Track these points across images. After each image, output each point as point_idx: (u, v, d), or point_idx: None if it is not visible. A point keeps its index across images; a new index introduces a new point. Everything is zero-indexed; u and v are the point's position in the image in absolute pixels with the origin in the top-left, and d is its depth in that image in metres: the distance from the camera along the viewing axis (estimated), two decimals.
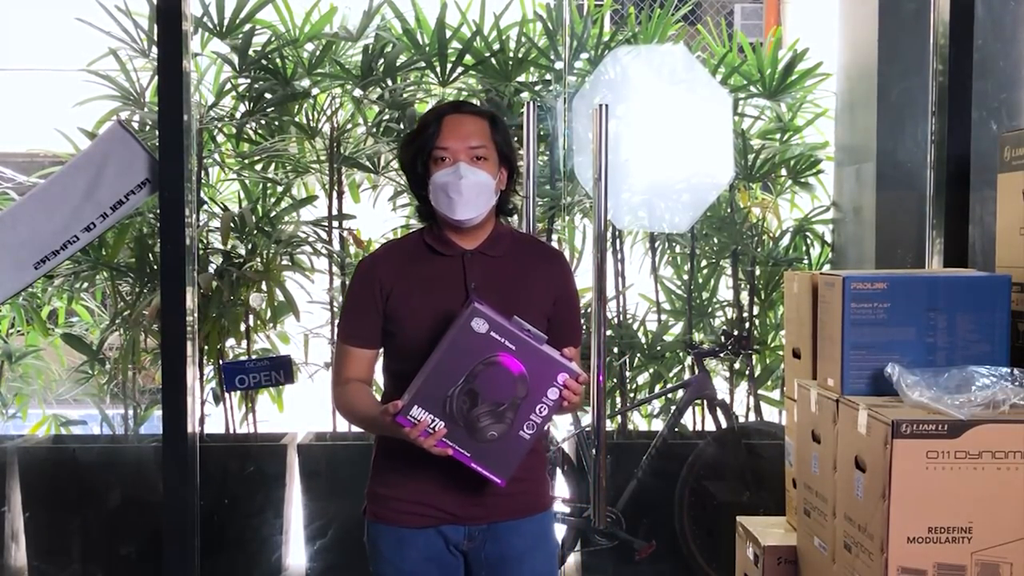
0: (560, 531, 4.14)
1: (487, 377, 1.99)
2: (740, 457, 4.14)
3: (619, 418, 4.46)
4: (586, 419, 4.06)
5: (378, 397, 2.28)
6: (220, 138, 4.46)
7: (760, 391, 4.51)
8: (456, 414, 2.00)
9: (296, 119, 4.41)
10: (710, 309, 4.58)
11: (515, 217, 4.31)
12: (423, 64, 4.37)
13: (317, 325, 4.41)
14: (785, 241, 4.60)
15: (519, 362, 1.99)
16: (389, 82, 4.34)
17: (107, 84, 4.27)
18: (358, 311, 2.24)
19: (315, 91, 4.41)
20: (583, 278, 4.39)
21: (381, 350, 2.28)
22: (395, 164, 4.46)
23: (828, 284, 2.31)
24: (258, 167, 4.43)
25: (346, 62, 4.38)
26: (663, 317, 4.57)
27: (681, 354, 4.49)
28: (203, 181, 4.30)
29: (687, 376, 4.42)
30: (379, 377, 2.35)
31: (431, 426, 2.00)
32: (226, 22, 4.25)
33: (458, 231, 2.22)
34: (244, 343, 4.34)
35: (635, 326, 4.53)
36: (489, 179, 2.19)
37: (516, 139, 4.27)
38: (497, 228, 2.27)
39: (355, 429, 4.38)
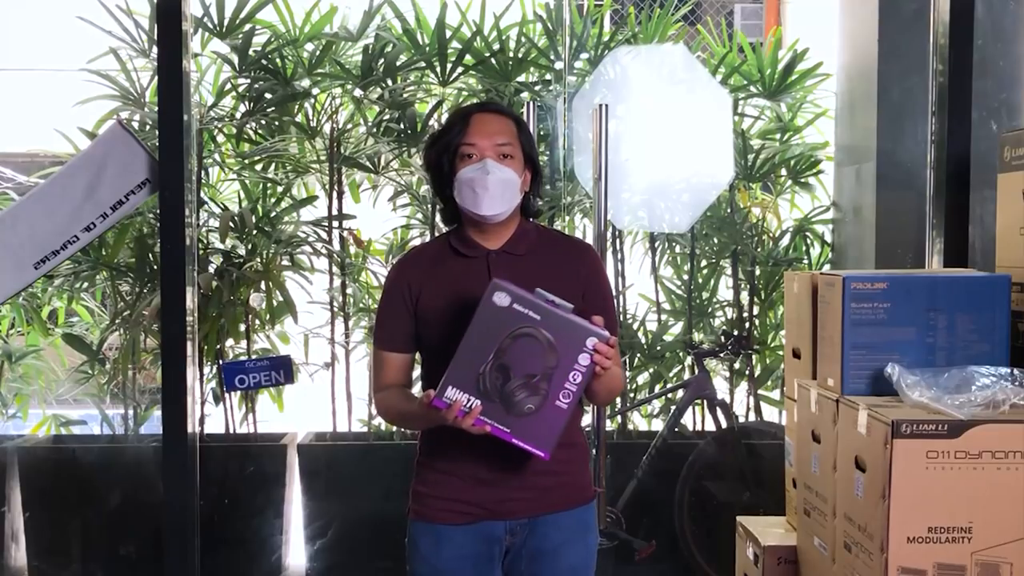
0: None
1: (516, 350, 1.98)
2: (740, 457, 4.14)
3: (619, 418, 4.46)
4: (586, 419, 4.07)
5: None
6: (220, 138, 4.45)
7: (760, 391, 4.51)
8: (491, 391, 1.99)
9: (296, 119, 4.41)
10: (710, 309, 4.59)
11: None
12: (423, 64, 4.37)
13: (317, 325, 4.41)
14: (785, 241, 4.60)
15: (546, 331, 1.98)
16: (389, 82, 4.34)
17: (107, 84, 4.27)
18: (389, 317, 2.26)
19: (315, 91, 4.41)
20: None
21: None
22: (395, 164, 4.47)
23: (828, 284, 2.31)
24: (258, 167, 4.43)
25: (346, 62, 4.38)
26: (663, 317, 4.57)
27: (681, 354, 4.49)
28: (203, 181, 4.30)
29: (687, 376, 4.42)
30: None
31: (467, 405, 2.00)
32: (226, 22, 4.25)
33: (482, 231, 2.22)
34: (244, 343, 4.34)
35: (635, 326, 4.53)
36: (515, 177, 2.19)
37: None
38: (522, 226, 2.27)
39: (355, 429, 4.39)
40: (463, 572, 2.21)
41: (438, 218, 4.37)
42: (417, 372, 2.39)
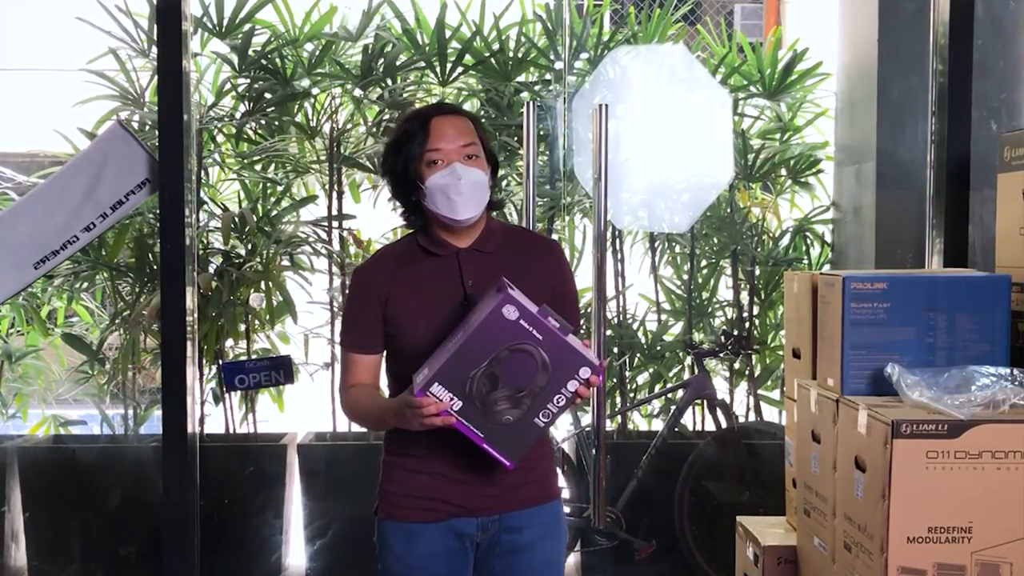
0: None
1: (510, 363, 1.99)
2: (740, 457, 4.14)
3: (619, 418, 4.46)
4: (586, 419, 4.07)
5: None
6: (220, 138, 4.45)
7: (760, 391, 4.51)
8: (475, 395, 2.00)
9: (296, 119, 4.41)
10: (710, 309, 4.58)
11: (515, 216, 4.32)
12: (423, 64, 4.37)
13: (317, 325, 4.41)
14: (785, 241, 4.60)
15: (544, 352, 1.99)
16: (389, 82, 4.34)
17: (107, 84, 4.27)
18: (358, 318, 2.25)
19: (315, 91, 4.41)
20: (583, 278, 4.39)
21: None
22: None
23: (828, 284, 2.31)
24: (258, 167, 4.43)
25: (346, 62, 4.38)
26: (663, 317, 4.57)
27: (681, 354, 4.49)
28: (203, 181, 4.30)
29: (687, 376, 4.42)
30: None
31: (450, 405, 2.00)
32: (226, 22, 4.25)
33: (452, 231, 2.23)
34: (244, 343, 4.34)
35: (635, 326, 4.53)
36: (484, 177, 2.19)
37: (516, 139, 4.29)
38: (489, 224, 2.27)
39: (355, 429, 4.38)
40: (436, 569, 2.22)
41: None
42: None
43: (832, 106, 4.58)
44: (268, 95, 4.33)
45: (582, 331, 4.37)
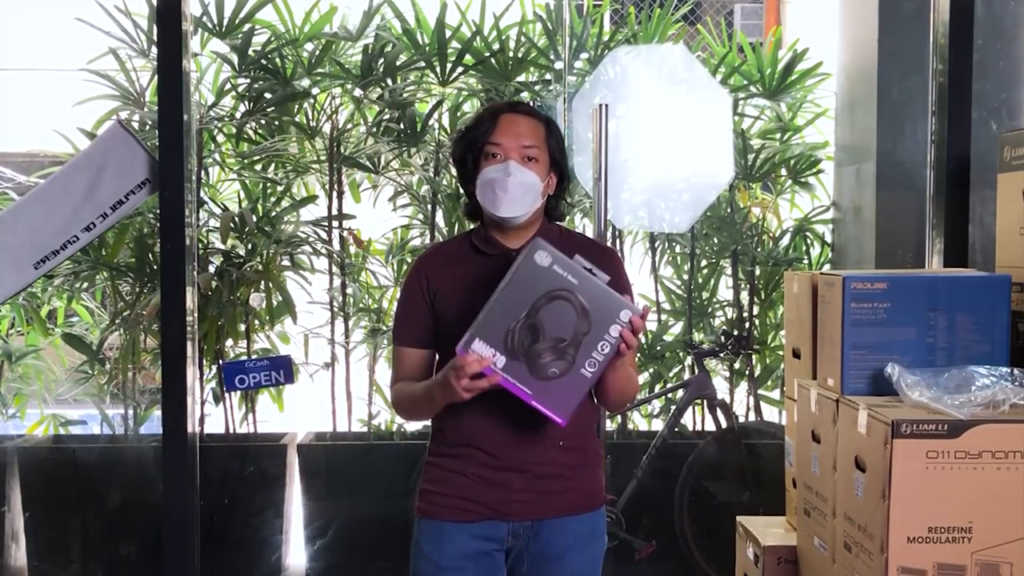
0: None
1: (549, 312, 1.98)
2: (740, 457, 4.14)
3: (619, 418, 4.46)
4: None
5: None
6: (220, 138, 4.45)
7: (760, 391, 4.51)
8: (517, 349, 1.98)
9: (296, 119, 4.41)
10: (710, 309, 4.59)
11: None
12: (423, 64, 4.37)
13: (317, 325, 4.41)
14: (785, 241, 4.60)
15: (582, 297, 1.98)
16: (389, 82, 4.34)
17: (107, 84, 4.27)
18: (408, 312, 2.27)
19: (315, 91, 4.41)
20: None
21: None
22: (395, 164, 4.47)
23: (828, 284, 2.31)
24: (258, 167, 4.43)
25: (346, 62, 4.38)
26: (663, 317, 4.57)
27: (681, 354, 4.49)
28: (203, 181, 4.30)
29: (687, 376, 4.42)
30: None
31: (492, 361, 1.98)
32: (226, 22, 4.25)
33: (503, 231, 2.23)
34: (244, 343, 4.34)
35: None
36: (537, 181, 2.18)
37: None
38: (544, 227, 2.26)
39: (355, 429, 4.39)
40: (464, 571, 2.20)
41: (438, 217, 4.42)
42: None
43: (832, 106, 4.58)
44: (268, 95, 4.33)
45: None
